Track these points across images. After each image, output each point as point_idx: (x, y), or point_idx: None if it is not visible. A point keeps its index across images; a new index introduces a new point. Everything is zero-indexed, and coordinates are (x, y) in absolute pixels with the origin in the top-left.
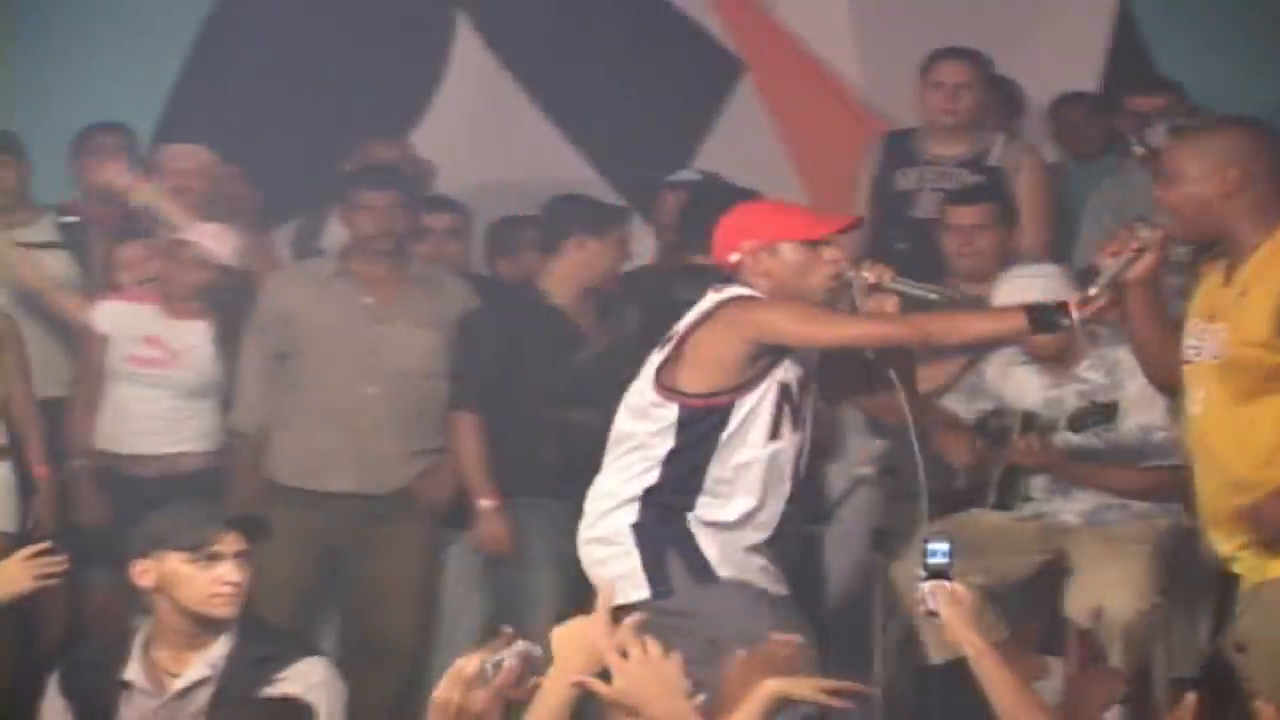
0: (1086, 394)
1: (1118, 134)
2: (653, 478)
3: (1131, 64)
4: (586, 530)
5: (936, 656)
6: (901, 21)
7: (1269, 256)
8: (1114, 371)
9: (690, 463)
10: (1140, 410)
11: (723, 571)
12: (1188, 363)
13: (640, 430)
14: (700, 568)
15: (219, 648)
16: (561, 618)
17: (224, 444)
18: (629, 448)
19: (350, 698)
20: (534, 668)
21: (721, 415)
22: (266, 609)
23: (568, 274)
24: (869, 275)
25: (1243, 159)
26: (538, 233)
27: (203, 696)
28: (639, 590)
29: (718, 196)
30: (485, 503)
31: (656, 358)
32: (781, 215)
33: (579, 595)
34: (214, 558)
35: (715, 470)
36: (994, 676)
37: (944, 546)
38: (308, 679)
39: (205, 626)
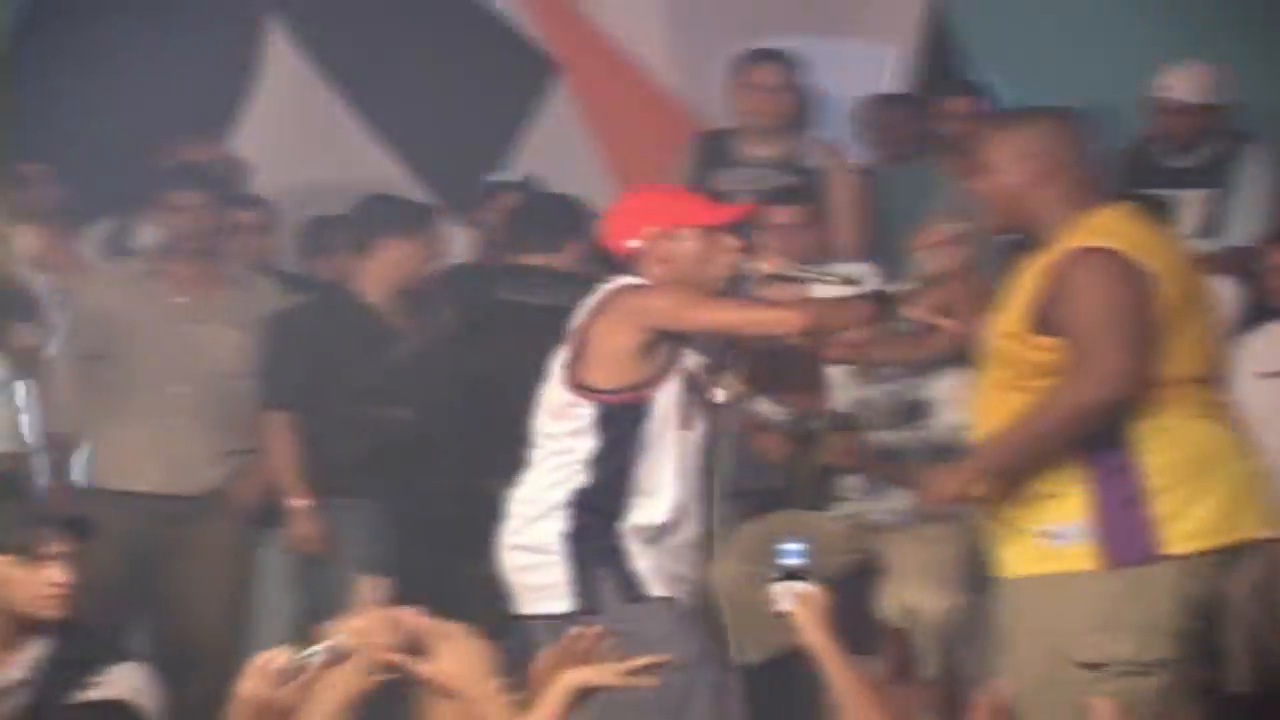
0: (896, 394)
1: (929, 135)
2: (580, 481)
3: (942, 66)
4: (512, 535)
5: (752, 656)
6: (716, 22)
7: (1047, 255)
8: (924, 370)
9: (617, 464)
10: (951, 409)
11: (653, 589)
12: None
13: (559, 430)
14: (630, 584)
15: (36, 650)
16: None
17: (34, 445)
18: (552, 450)
19: (165, 701)
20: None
21: (640, 411)
22: (79, 611)
23: (379, 273)
24: (766, 264)
25: (1052, 149)
26: (350, 232)
27: (18, 699)
28: (563, 603)
29: (546, 199)
30: (297, 503)
31: (561, 355)
32: (680, 201)
33: (395, 595)
34: (40, 559)
35: (642, 469)
36: (841, 680)
37: (798, 547)
38: (125, 683)
39: (24, 628)
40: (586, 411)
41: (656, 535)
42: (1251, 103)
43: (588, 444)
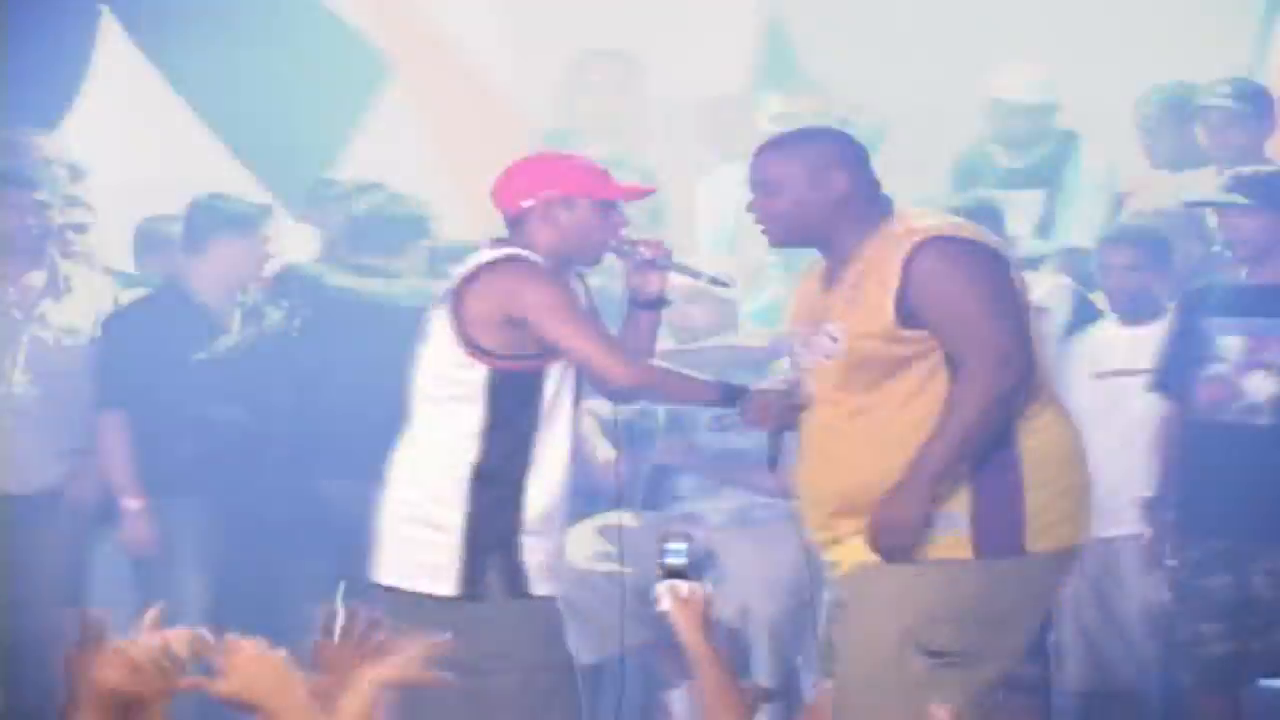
0: None
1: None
2: (475, 456)
3: (778, 66)
4: (404, 506)
5: (585, 658)
6: (553, 22)
7: (877, 249)
8: (759, 369)
9: (513, 438)
10: None
11: (538, 587)
12: (795, 365)
13: (445, 394)
14: (516, 579)
15: None
16: (210, 616)
17: None
18: (437, 416)
19: (2, 700)
20: (203, 653)
21: (534, 381)
22: None
23: (213, 273)
24: (645, 250)
25: (846, 162)
26: (184, 231)
27: None
28: (447, 586)
29: (389, 200)
30: (130, 503)
31: (443, 312)
32: (581, 169)
33: (229, 595)
34: None
35: (539, 448)
36: (710, 678)
37: (682, 547)
38: None
39: None
40: (476, 376)
41: (548, 522)
42: (1080, 102)
43: (478, 412)
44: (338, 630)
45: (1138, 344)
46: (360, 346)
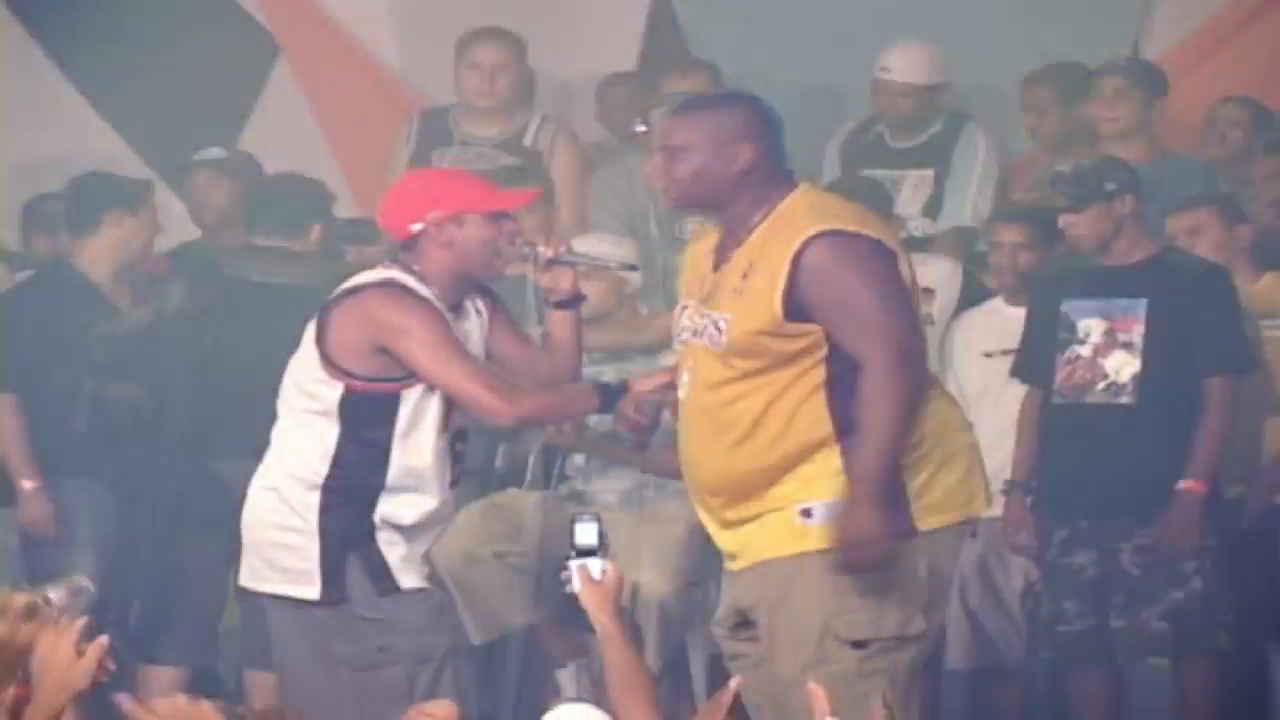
0: (625, 373)
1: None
2: (332, 465)
3: (668, 45)
4: (264, 512)
5: (476, 639)
6: (441, 1)
7: (766, 239)
8: (651, 353)
9: (369, 454)
10: None
11: (404, 580)
12: (682, 344)
13: (307, 407)
14: (380, 575)
15: None
16: (103, 596)
17: None
18: (299, 426)
19: None
20: (86, 601)
21: (390, 404)
22: None
23: (102, 251)
24: (546, 250)
25: (752, 136)
26: (70, 210)
27: None
28: (310, 589)
29: (287, 181)
30: (25, 484)
31: (311, 329)
32: (465, 185)
33: (121, 574)
34: None
35: (395, 466)
36: (616, 659)
37: (593, 526)
38: None
39: None
40: (334, 393)
41: (410, 532)
42: (969, 82)
43: (335, 429)
44: None
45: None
46: (259, 327)
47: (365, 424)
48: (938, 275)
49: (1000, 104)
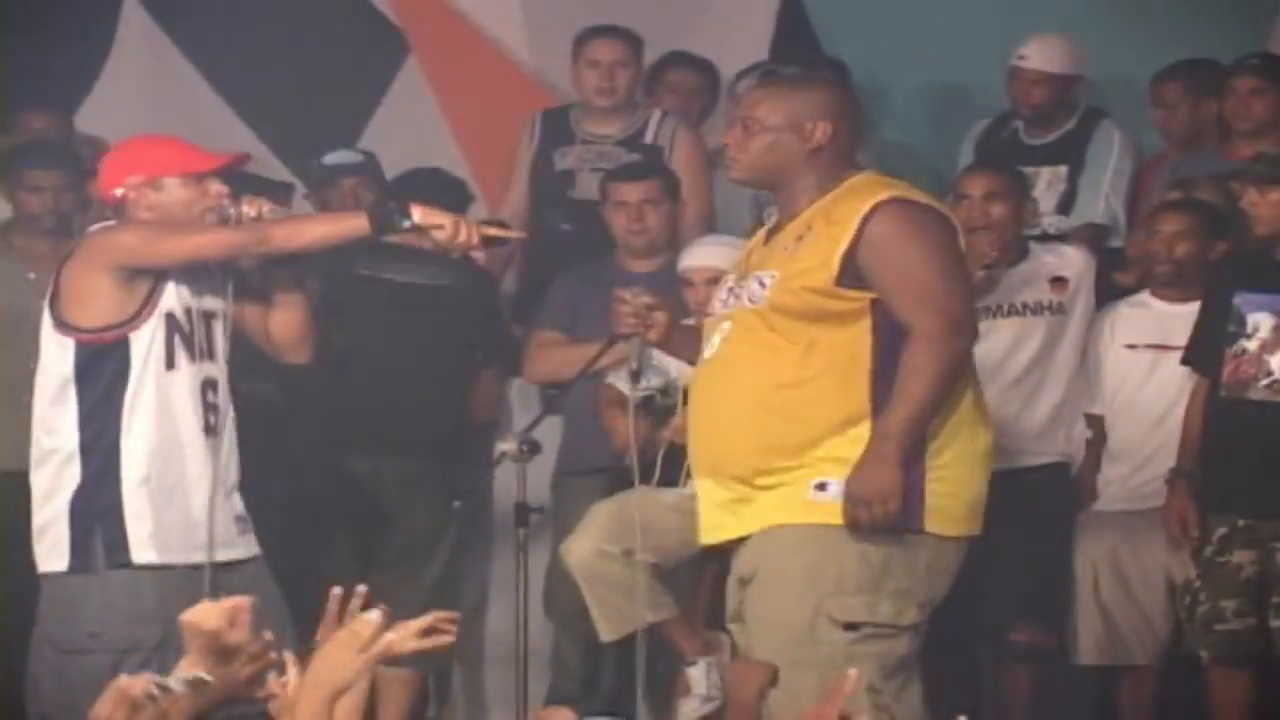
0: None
1: None
2: (76, 429)
3: (798, 40)
4: (36, 491)
5: (606, 636)
6: None
7: (831, 205)
8: None
9: (106, 409)
10: None
11: (142, 554)
12: (709, 316)
13: (52, 377)
14: (117, 548)
15: None
16: None
17: None
18: (49, 399)
19: None
20: (203, 694)
21: (120, 353)
22: None
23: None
24: (249, 209)
25: (831, 115)
26: None
27: None
28: (60, 562)
29: (424, 178)
30: None
31: (47, 296)
32: (166, 149)
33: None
34: None
35: (130, 414)
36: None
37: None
38: None
39: None
40: (68, 350)
41: (157, 490)
42: (1103, 77)
43: (74, 389)
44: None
45: (1172, 319)
46: (388, 325)
47: (101, 378)
48: (1071, 264)
49: (1135, 100)
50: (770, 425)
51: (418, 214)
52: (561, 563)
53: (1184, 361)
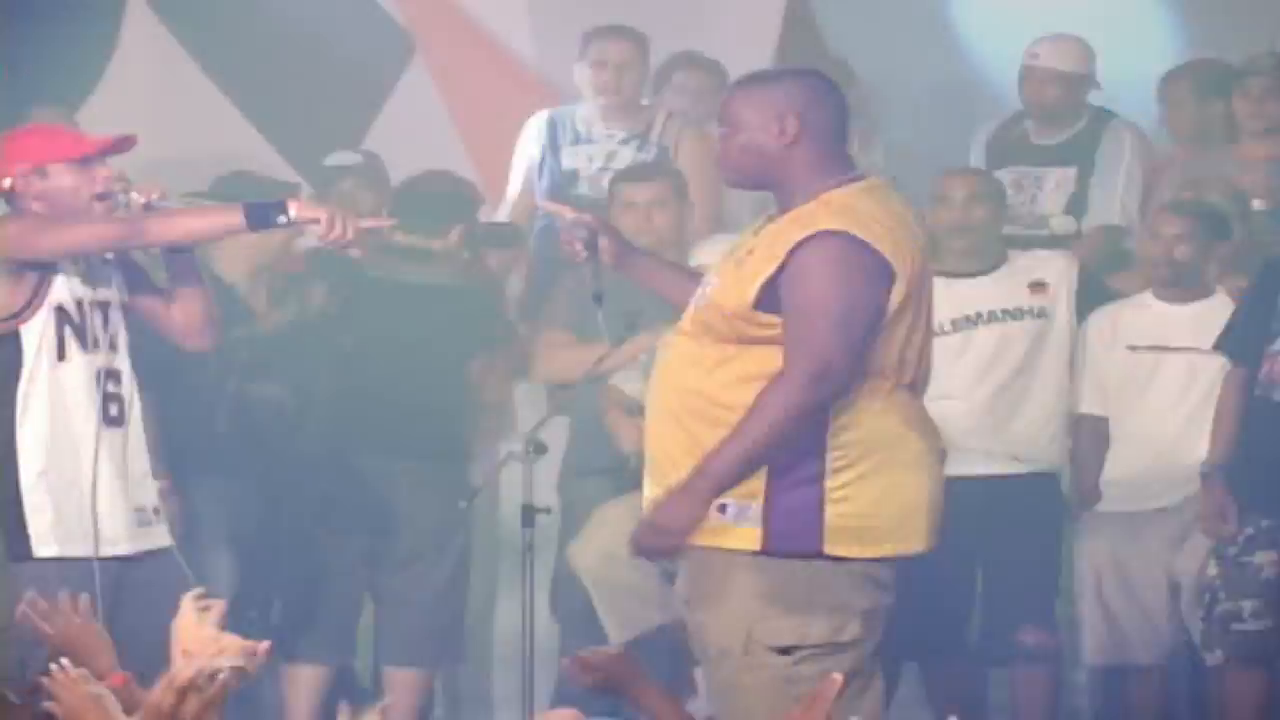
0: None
1: None
2: None
3: (805, 41)
4: None
5: (615, 637)
6: None
7: (785, 228)
8: None
9: (2, 404)
10: None
11: (43, 547)
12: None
13: None
14: (18, 541)
15: None
16: (242, 600)
17: None
18: None
19: None
20: (245, 679)
21: (11, 346)
22: None
23: (240, 251)
24: (139, 195)
25: (803, 109)
26: None
27: None
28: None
29: (431, 180)
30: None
31: None
32: (48, 138)
33: (262, 573)
34: None
35: (24, 406)
36: None
37: None
38: None
39: None
40: None
41: (56, 482)
42: (1114, 76)
43: None
44: None
45: (1174, 320)
46: (397, 326)
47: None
48: (1050, 267)
49: (1144, 100)
50: (694, 430)
51: (294, 209)
52: (570, 565)
53: (1218, 348)
